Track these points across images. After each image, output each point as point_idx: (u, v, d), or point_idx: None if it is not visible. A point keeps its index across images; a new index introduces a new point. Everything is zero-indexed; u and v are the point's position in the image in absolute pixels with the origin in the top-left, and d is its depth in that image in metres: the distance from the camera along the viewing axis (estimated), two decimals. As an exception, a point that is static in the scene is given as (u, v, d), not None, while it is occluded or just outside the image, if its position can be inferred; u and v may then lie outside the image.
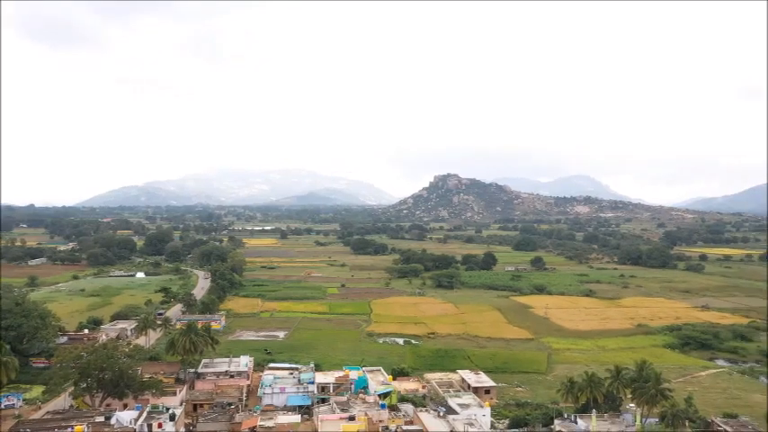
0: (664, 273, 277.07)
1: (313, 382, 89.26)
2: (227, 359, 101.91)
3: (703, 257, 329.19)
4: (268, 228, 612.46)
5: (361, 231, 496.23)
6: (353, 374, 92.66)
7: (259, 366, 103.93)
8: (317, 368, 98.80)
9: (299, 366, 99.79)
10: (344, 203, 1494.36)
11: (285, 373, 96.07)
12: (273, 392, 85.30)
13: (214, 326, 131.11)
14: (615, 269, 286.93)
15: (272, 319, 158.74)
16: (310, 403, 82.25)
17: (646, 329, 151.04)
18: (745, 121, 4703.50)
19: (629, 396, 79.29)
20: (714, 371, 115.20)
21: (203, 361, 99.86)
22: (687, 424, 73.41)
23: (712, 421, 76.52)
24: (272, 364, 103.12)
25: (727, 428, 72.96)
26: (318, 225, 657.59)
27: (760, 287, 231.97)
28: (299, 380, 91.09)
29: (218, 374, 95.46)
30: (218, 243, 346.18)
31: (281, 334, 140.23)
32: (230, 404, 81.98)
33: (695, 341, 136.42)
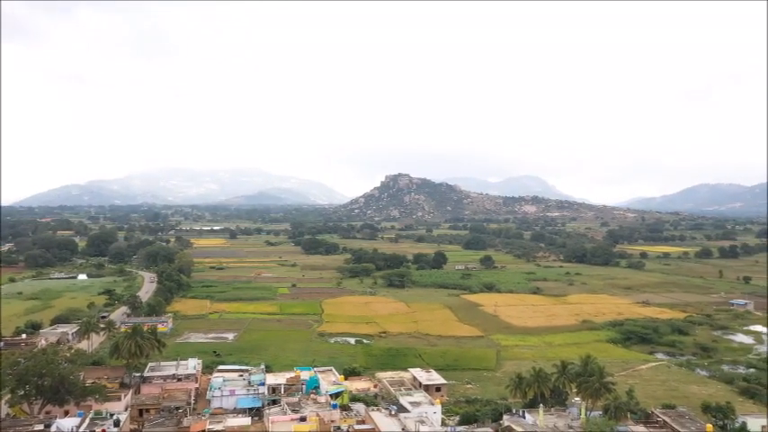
0: (607, 270, 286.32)
1: (263, 384, 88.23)
2: (174, 362, 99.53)
3: (644, 255, 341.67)
4: (217, 228, 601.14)
5: (312, 231, 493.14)
6: (305, 375, 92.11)
7: (208, 369, 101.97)
8: (268, 369, 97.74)
9: (249, 368, 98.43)
10: (295, 203, 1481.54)
11: (235, 375, 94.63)
12: (223, 395, 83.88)
13: (161, 328, 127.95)
14: (561, 267, 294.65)
15: (222, 321, 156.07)
16: (261, 405, 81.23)
17: (590, 325, 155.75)
18: (684, 123, 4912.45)
19: (575, 390, 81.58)
20: (654, 364, 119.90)
21: (150, 364, 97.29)
22: (629, 415, 76.18)
23: (652, 412, 79.54)
24: (221, 367, 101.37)
25: (666, 419, 75.91)
26: (269, 225, 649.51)
27: (696, 283, 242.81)
28: (249, 382, 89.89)
29: (165, 378, 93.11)
30: (164, 243, 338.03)
31: (231, 335, 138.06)
32: (178, 408, 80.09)
33: (636, 336, 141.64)
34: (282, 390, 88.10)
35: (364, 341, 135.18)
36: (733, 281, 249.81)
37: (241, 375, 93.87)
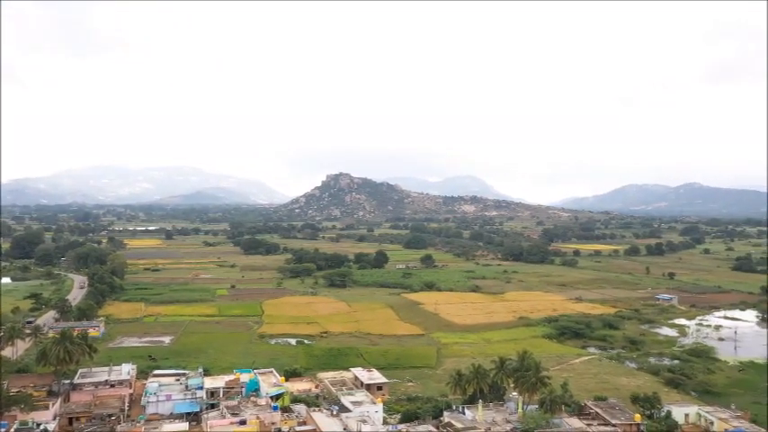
0: (542, 268, 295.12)
1: (202, 388, 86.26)
2: (106, 368, 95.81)
3: (577, 253, 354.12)
4: (152, 228, 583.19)
5: (251, 231, 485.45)
6: (244, 377, 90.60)
7: (143, 374, 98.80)
8: (206, 373, 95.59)
9: (186, 372, 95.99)
10: (234, 202, 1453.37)
11: (171, 379, 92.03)
12: (159, 400, 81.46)
13: (92, 333, 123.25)
14: (499, 265, 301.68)
15: (157, 324, 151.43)
16: (199, 409, 79.41)
17: (527, 321, 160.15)
18: (615, 126, 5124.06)
19: (512, 385, 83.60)
20: (586, 358, 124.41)
21: (80, 371, 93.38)
22: (563, 408, 78.73)
23: (585, 404, 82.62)
24: (157, 371, 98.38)
25: (598, 410, 79.04)
26: (207, 225, 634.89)
27: (625, 279, 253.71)
28: (186, 386, 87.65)
29: (96, 385, 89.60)
30: (96, 245, 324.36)
31: (167, 339, 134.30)
32: (111, 415, 77.31)
33: (570, 331, 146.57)
34: (221, 393, 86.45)
35: (305, 342, 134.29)
36: (659, 277, 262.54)
37: (178, 380, 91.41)
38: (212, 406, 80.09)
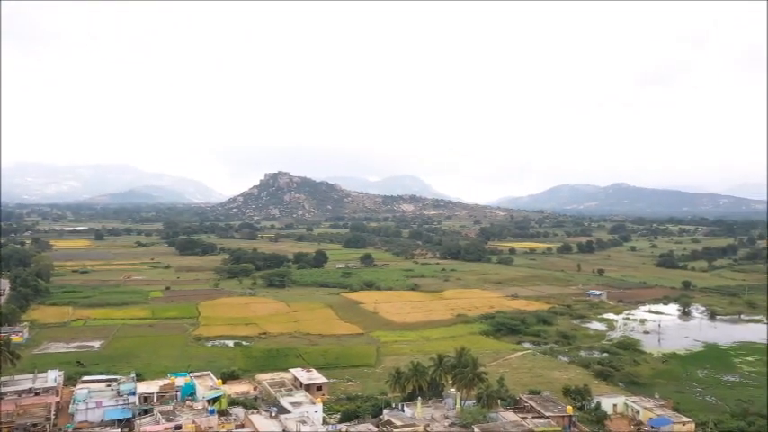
0: (479, 266, 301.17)
1: (134, 393, 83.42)
2: (31, 375, 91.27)
3: (512, 251, 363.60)
4: (80, 228, 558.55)
5: (187, 231, 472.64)
6: (180, 381, 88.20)
7: (71, 380, 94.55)
8: (139, 377, 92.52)
9: (118, 377, 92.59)
10: (169, 202, 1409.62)
11: (102, 385, 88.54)
12: (88, 407, 78.22)
13: (15, 339, 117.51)
14: (438, 264, 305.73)
15: (86, 328, 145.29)
16: (131, 416, 76.86)
17: (464, 319, 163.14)
18: (548, 127, 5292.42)
19: (450, 381, 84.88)
20: (522, 353, 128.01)
21: (2, 379, 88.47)
22: (499, 402, 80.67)
23: (520, 398, 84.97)
24: (86, 377, 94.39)
25: (533, 403, 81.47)
26: (139, 225, 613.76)
27: (558, 276, 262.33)
28: (118, 392, 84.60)
29: (20, 393, 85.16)
30: (19, 246, 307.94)
31: (97, 344, 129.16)
32: (36, 425, 73.70)
33: (506, 327, 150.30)
34: (155, 398, 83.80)
35: (243, 343, 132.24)
36: (589, 273, 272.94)
37: (109, 385, 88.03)
38: (146, 411, 77.74)
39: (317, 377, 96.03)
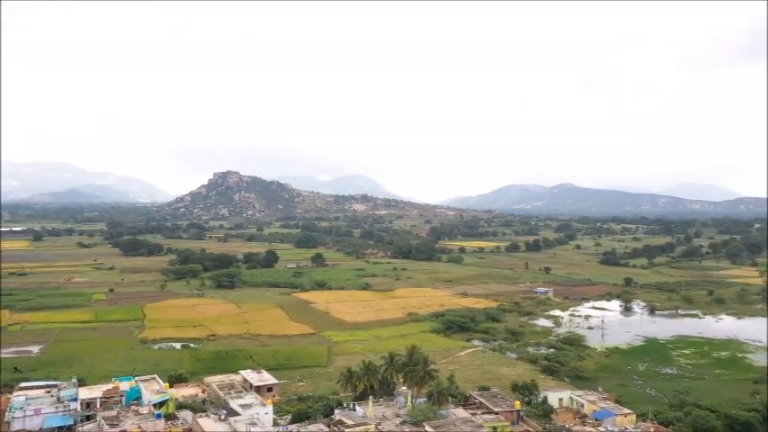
0: (430, 265, 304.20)
1: (76, 399, 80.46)
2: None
3: (462, 250, 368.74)
4: (18, 228, 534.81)
5: (132, 231, 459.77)
6: (124, 386, 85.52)
7: (7, 387, 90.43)
8: (82, 383, 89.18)
9: (58, 383, 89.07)
10: (113, 201, 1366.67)
11: (41, 392, 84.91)
12: (26, 415, 74.95)
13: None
14: (389, 263, 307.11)
15: (24, 333, 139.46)
16: (73, 423, 74.15)
17: (415, 317, 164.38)
18: (496, 128, 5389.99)
19: (402, 380, 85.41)
20: (471, 350, 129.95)
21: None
22: (450, 399, 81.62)
23: (470, 395, 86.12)
24: (24, 384, 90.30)
25: (482, 400, 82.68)
26: (82, 225, 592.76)
27: (506, 274, 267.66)
28: (58, 398, 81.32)
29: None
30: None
31: (36, 348, 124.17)
32: (-31, 435, 70.26)
33: (456, 325, 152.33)
34: (99, 404, 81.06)
35: (191, 345, 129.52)
36: (536, 271, 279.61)
37: (49, 392, 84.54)
38: (88, 418, 75.13)
39: (267, 378, 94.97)
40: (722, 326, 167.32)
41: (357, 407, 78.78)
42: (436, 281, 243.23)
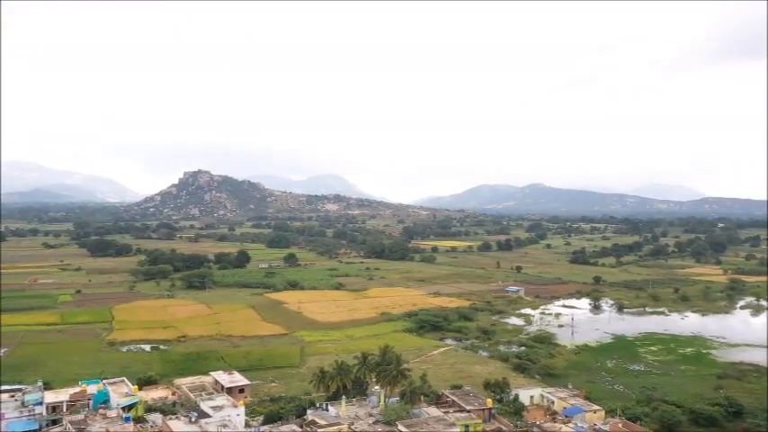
0: (403, 264, 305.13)
1: (41, 403, 78.73)
2: None
3: (435, 249, 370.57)
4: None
5: (100, 231, 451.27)
6: (92, 389, 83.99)
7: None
8: (47, 387, 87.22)
9: (23, 387, 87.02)
10: (80, 201, 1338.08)
11: (5, 396, 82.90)
12: (-11, 420, 73.11)
13: None
14: (362, 263, 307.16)
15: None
16: (38, 427, 72.60)
17: (388, 317, 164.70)
18: (472, 129, 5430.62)
19: (375, 379, 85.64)
20: (444, 349, 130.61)
21: None
22: (422, 398, 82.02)
23: (443, 393, 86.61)
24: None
25: (454, 398, 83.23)
26: (47, 225, 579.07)
27: (478, 274, 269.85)
28: (22, 402, 79.53)
29: None
30: None
31: (0, 352, 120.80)
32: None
33: (429, 324, 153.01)
34: (65, 408, 79.44)
35: (161, 347, 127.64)
36: (508, 270, 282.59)
37: (13, 396, 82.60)
38: (54, 422, 73.64)
39: (239, 379, 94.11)
40: (687, 323, 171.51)
41: (330, 407, 78.74)
42: (409, 280, 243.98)
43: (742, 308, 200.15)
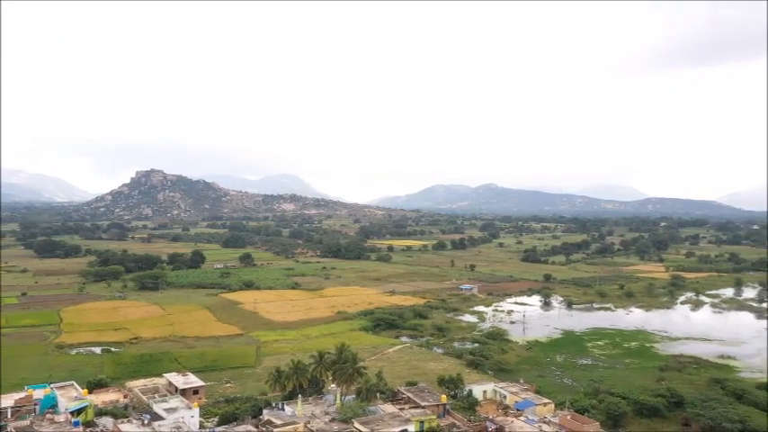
0: (359, 263, 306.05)
1: (-16, 410, 76.20)
2: None
3: (390, 249, 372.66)
4: None
5: (47, 232, 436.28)
6: (38, 393, 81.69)
7: None
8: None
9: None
10: (26, 200, 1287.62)
11: (-54, 403, 79.93)
12: (-71, 428, 70.38)
13: None
14: (318, 262, 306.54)
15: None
16: (-18, 434, 70.22)
17: (344, 315, 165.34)
18: (426, 130, 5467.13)
19: (331, 378, 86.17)
20: (399, 346, 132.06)
21: None
22: (378, 396, 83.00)
23: (398, 390, 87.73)
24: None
25: (410, 395, 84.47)
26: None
27: (433, 272, 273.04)
28: (-36, 409, 76.78)
29: None
30: None
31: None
32: None
33: (385, 322, 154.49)
34: (10, 413, 77.09)
35: (113, 349, 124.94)
36: (462, 269, 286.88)
37: (-47, 403, 79.63)
38: (-1, 428, 71.37)
39: (193, 381, 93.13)
40: (632, 318, 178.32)
41: (286, 406, 78.73)
42: (365, 279, 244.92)
43: (682, 303, 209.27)
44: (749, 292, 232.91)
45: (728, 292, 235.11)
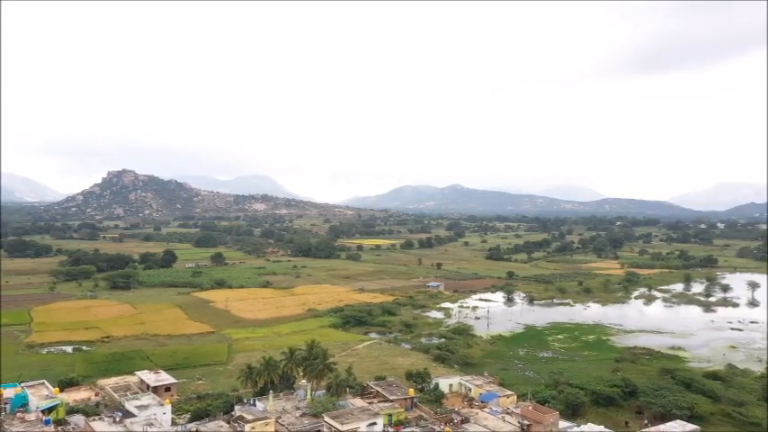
0: (329, 262, 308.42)
1: (-45, 409, 76.56)
2: None
3: (360, 248, 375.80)
4: None
5: (18, 232, 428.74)
6: (8, 392, 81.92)
7: None
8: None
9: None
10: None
11: None
12: None
13: None
14: (289, 261, 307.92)
15: None
16: (-49, 435, 70.78)
17: (315, 313, 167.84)
18: (394, 131, 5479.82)
19: (302, 374, 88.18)
20: (369, 342, 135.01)
21: None
22: (348, 390, 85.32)
23: (367, 385, 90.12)
24: None
25: (378, 389, 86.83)
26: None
27: (401, 270, 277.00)
28: (-67, 410, 76.97)
29: None
30: None
31: None
32: None
33: (354, 319, 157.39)
34: (-20, 413, 77.58)
35: (84, 348, 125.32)
36: (429, 267, 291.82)
37: None
38: (-31, 428, 71.96)
39: (165, 378, 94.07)
40: (590, 312, 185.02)
41: (258, 402, 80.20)
42: (335, 277, 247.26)
43: (636, 298, 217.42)
44: (697, 287, 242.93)
45: (678, 287, 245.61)
